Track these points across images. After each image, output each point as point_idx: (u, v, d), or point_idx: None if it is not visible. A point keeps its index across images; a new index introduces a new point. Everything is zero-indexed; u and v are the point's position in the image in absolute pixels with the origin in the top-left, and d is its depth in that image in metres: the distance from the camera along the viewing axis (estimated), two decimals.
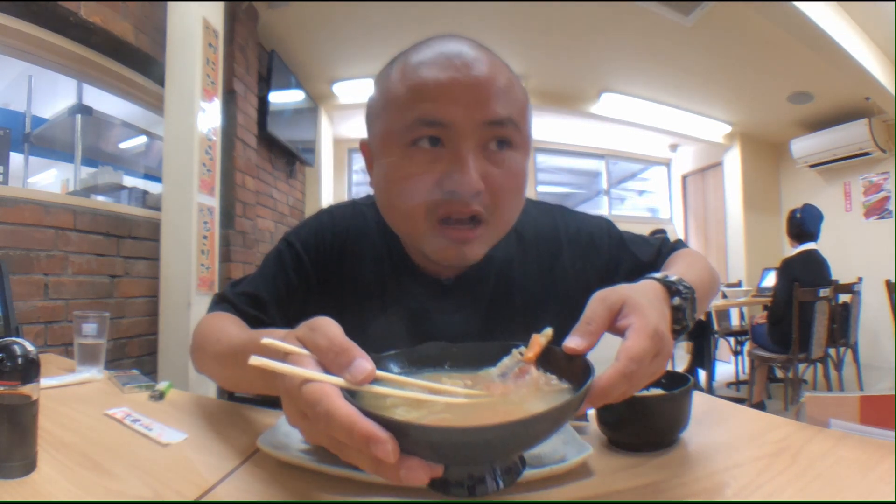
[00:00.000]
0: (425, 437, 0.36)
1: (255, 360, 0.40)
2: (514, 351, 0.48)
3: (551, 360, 0.47)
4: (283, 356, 0.42)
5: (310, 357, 0.41)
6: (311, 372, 0.39)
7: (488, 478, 0.41)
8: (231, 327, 0.71)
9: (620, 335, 0.45)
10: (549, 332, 0.48)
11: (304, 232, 0.82)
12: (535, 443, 0.41)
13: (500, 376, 0.47)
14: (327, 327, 0.42)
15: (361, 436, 0.35)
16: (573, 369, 0.44)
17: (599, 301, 0.47)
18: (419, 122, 0.61)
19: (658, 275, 0.56)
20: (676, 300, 0.54)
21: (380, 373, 0.42)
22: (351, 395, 0.39)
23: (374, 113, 0.68)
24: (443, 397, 0.43)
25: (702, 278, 0.68)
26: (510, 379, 0.46)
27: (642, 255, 0.81)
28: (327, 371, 0.41)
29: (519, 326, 0.74)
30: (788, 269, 3.47)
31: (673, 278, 0.56)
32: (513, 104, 0.64)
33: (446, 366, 0.51)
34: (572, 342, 0.45)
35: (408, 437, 0.35)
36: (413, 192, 0.63)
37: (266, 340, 0.43)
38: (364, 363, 0.40)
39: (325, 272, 0.79)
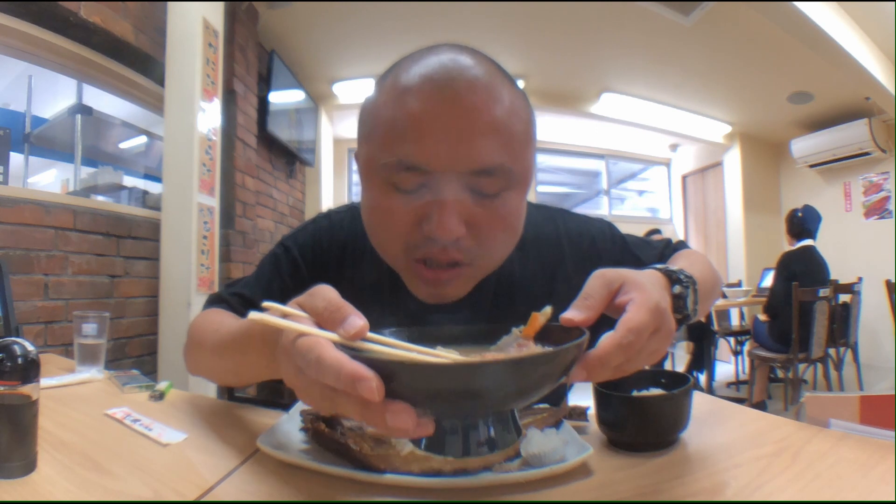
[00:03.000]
0: (411, 377, 0.36)
1: (254, 315, 0.41)
2: (514, 329, 0.49)
3: (550, 337, 0.47)
4: (283, 318, 0.43)
5: (308, 318, 0.43)
6: (307, 327, 0.41)
7: (482, 425, 0.41)
8: (229, 319, 0.71)
9: (620, 314, 0.45)
10: (548, 310, 0.48)
11: (301, 237, 0.82)
12: (525, 394, 0.40)
13: (496, 352, 0.48)
14: (325, 291, 0.44)
15: (348, 375, 0.36)
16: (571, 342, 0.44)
17: (598, 277, 0.48)
18: (400, 164, 0.57)
19: (658, 266, 0.57)
20: (677, 288, 0.54)
21: (375, 335, 0.43)
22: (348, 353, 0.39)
23: (361, 133, 0.64)
24: (438, 360, 0.43)
25: (704, 275, 0.68)
26: (506, 353, 0.47)
27: (645, 257, 0.81)
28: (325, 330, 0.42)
29: None
30: (788, 263, 3.51)
31: (674, 268, 0.56)
32: (508, 142, 0.58)
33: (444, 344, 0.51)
34: (569, 314, 0.45)
35: (394, 378, 0.36)
36: (392, 232, 0.61)
37: (268, 303, 0.45)
38: (356, 319, 0.41)
39: (322, 278, 0.78)
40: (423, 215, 0.58)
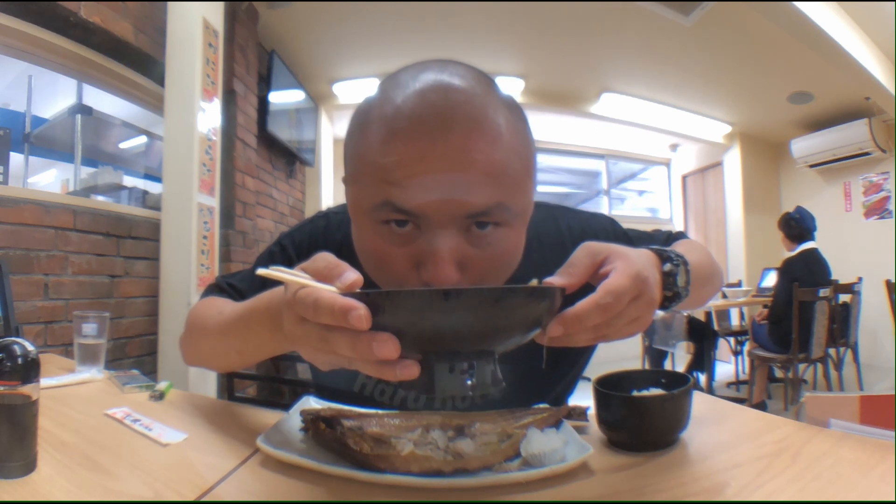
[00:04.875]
0: (394, 305, 0.40)
1: (261, 271, 0.44)
2: None
3: None
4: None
5: (310, 277, 0.45)
6: (307, 281, 0.44)
7: (465, 364, 0.44)
8: (230, 303, 0.71)
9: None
10: (534, 282, 0.48)
11: (298, 236, 0.82)
12: (501, 331, 0.43)
13: None
14: (325, 255, 0.47)
15: (340, 308, 0.39)
16: None
17: (585, 248, 0.50)
18: (388, 205, 0.54)
19: (652, 247, 0.57)
20: (668, 266, 0.55)
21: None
22: None
23: (348, 171, 0.61)
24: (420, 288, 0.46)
25: (701, 262, 0.68)
26: None
27: None
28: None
29: None
30: (790, 269, 3.48)
31: (665, 248, 0.57)
32: (505, 181, 0.55)
33: None
34: (552, 278, 0.47)
35: (380, 310, 0.40)
36: (387, 272, 0.59)
37: (274, 267, 0.46)
38: (351, 274, 0.44)
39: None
40: (418, 260, 0.56)
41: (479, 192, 0.53)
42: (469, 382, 0.43)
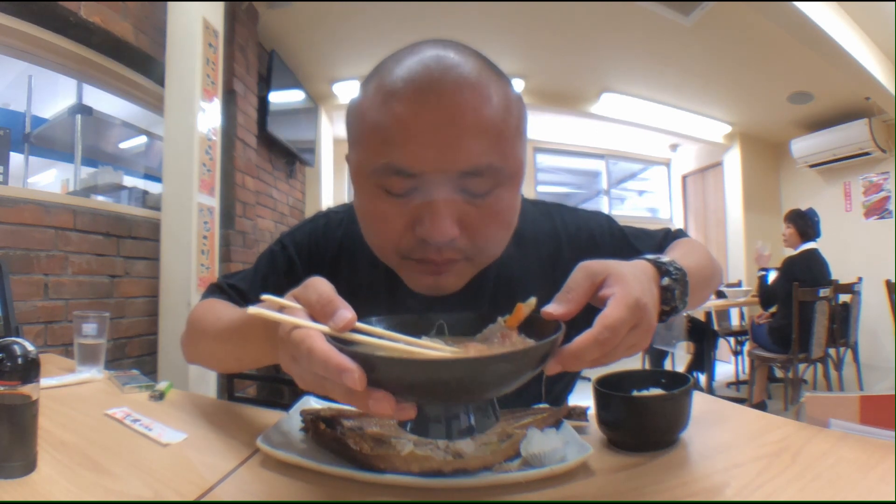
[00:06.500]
0: (389, 370, 0.40)
1: (252, 310, 0.44)
2: (500, 319, 0.50)
3: (534, 328, 0.48)
4: (280, 310, 0.46)
5: (302, 310, 0.45)
6: (300, 320, 0.43)
7: (461, 411, 0.44)
8: (230, 308, 0.72)
9: (602, 306, 0.46)
10: (532, 301, 0.48)
11: (298, 235, 0.82)
12: (497, 386, 0.42)
13: (482, 341, 0.49)
14: (318, 284, 0.46)
15: (334, 367, 0.39)
16: (551, 335, 0.45)
17: (582, 270, 0.49)
18: (388, 168, 0.57)
19: (650, 256, 0.57)
20: (666, 280, 0.54)
21: (363, 325, 0.46)
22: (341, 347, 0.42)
23: (350, 138, 0.64)
24: (421, 349, 0.45)
25: (700, 265, 0.68)
26: (490, 343, 0.48)
27: (644, 248, 0.80)
28: (317, 322, 0.44)
29: None
30: (791, 268, 3.48)
31: (664, 259, 0.56)
32: (496, 141, 0.57)
33: (431, 334, 0.52)
34: (550, 307, 0.47)
35: (375, 370, 0.39)
36: (386, 236, 0.61)
37: (266, 296, 0.46)
38: (345, 312, 0.44)
39: None
40: (416, 218, 0.58)
41: (472, 149, 0.56)
42: (468, 437, 0.44)
